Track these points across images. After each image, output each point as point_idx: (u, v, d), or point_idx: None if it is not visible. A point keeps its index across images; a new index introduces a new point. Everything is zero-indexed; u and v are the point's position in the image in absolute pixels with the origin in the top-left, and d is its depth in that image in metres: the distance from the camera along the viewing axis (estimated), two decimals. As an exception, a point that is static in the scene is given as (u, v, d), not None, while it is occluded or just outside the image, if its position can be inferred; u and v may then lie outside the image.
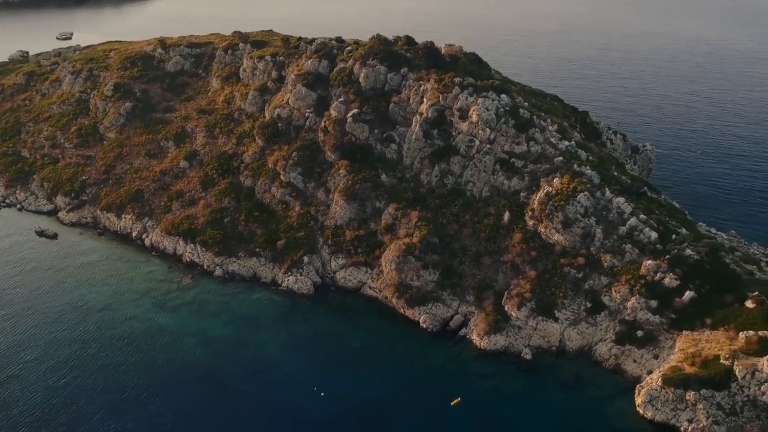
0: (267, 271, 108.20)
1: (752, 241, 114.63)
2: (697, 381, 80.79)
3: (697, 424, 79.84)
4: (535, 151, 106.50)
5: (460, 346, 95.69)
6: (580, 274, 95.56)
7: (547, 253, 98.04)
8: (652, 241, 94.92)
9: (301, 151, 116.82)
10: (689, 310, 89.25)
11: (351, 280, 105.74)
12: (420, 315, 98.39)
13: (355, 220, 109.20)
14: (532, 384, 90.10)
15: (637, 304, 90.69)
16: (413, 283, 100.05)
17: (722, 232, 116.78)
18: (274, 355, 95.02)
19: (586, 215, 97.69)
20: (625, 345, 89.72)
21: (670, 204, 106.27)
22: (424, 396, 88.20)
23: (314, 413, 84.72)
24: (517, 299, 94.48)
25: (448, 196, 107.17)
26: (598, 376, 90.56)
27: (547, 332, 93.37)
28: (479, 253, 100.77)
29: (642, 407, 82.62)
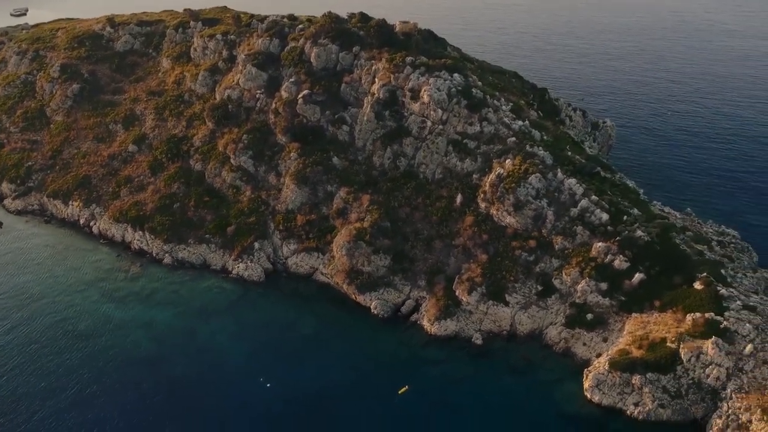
0: (217, 258, 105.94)
1: (707, 219, 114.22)
2: (643, 365, 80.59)
3: (643, 408, 79.80)
4: (488, 132, 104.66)
5: (412, 332, 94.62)
6: (532, 257, 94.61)
7: (498, 236, 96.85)
8: (603, 223, 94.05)
9: (251, 134, 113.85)
10: (638, 293, 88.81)
11: (303, 266, 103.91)
12: (371, 301, 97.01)
13: (306, 204, 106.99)
14: (482, 369, 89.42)
15: (587, 287, 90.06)
16: (364, 268, 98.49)
17: (677, 211, 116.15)
18: (223, 345, 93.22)
19: (537, 197, 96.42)
20: (575, 328, 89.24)
21: (623, 183, 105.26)
22: (372, 384, 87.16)
23: (260, 405, 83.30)
24: (468, 284, 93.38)
25: (401, 178, 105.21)
26: (549, 360, 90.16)
27: (498, 316, 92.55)
28: (431, 236, 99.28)
29: (589, 391, 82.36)
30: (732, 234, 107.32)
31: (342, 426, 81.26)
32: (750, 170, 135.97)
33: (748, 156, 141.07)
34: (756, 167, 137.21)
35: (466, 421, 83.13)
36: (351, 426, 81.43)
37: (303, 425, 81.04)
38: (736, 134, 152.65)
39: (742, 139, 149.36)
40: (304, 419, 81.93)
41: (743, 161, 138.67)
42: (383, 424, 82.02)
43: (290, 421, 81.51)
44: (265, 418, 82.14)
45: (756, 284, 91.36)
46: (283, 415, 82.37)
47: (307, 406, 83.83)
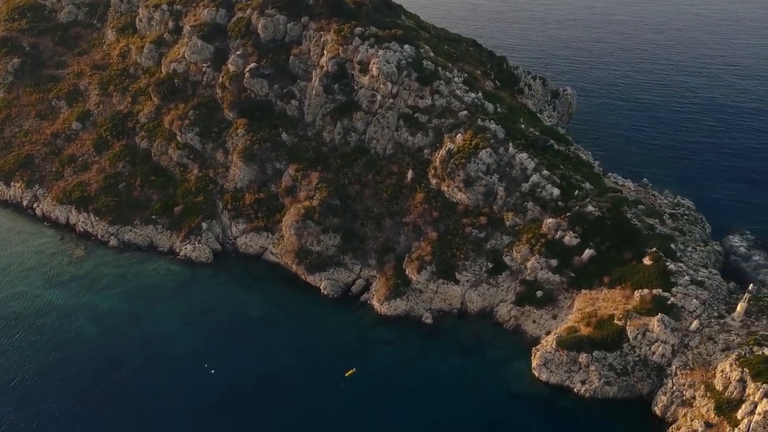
0: (164, 240, 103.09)
1: (664, 189, 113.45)
2: (589, 343, 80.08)
3: (589, 385, 79.53)
4: (440, 105, 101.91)
5: (362, 312, 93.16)
6: (482, 234, 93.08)
7: (449, 212, 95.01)
8: (554, 198, 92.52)
9: (198, 110, 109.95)
10: (588, 269, 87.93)
11: (252, 245, 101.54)
12: (321, 281, 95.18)
13: (255, 182, 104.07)
14: (432, 349, 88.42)
15: (537, 264, 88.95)
16: (313, 248, 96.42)
17: (634, 181, 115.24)
18: (169, 329, 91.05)
19: (488, 173, 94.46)
20: (525, 306, 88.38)
21: (576, 156, 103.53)
22: (321, 367, 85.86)
23: (206, 391, 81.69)
24: (418, 262, 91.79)
25: (351, 154, 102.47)
26: (499, 338, 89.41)
27: (449, 295, 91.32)
28: (381, 214, 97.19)
29: (537, 370, 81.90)
30: (687, 205, 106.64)
31: (288, 410, 79.96)
32: (709, 141, 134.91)
33: (708, 127, 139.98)
34: (716, 138, 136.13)
35: (415, 402, 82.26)
36: (297, 410, 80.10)
37: (248, 411, 79.66)
38: (697, 105, 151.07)
39: (702, 110, 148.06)
40: (250, 404, 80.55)
41: (703, 132, 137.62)
42: (331, 407, 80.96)
43: (236, 407, 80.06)
44: (211, 404, 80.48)
45: (706, 257, 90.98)
46: (229, 401, 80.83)
47: (254, 390, 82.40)
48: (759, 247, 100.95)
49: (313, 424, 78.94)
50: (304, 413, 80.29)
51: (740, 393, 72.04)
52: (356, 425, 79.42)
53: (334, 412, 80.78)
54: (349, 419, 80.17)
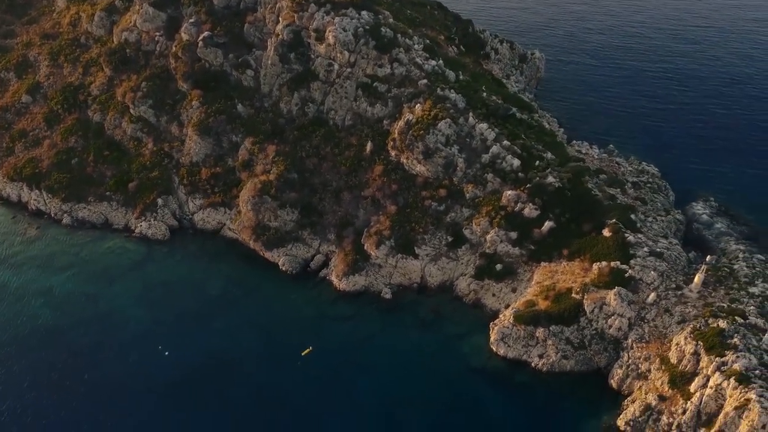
0: (119, 217, 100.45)
1: (630, 155, 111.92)
2: (547, 317, 79.47)
3: (547, 360, 79.25)
4: (400, 74, 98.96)
5: (321, 288, 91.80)
6: (442, 207, 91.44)
7: (408, 185, 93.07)
8: (514, 169, 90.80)
9: (151, 81, 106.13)
10: (548, 241, 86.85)
11: (210, 221, 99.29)
12: (279, 257, 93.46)
13: (211, 156, 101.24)
14: (391, 325, 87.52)
15: (496, 237, 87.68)
16: (271, 223, 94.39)
17: (601, 147, 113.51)
18: (125, 310, 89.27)
19: (447, 144, 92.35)
20: (484, 280, 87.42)
21: (539, 125, 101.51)
22: (278, 345, 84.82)
23: (159, 374, 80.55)
24: (376, 237, 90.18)
25: (309, 126, 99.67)
26: (458, 312, 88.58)
27: (408, 270, 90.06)
28: (340, 188, 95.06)
29: (495, 345, 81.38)
30: (651, 172, 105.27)
31: (244, 391, 79.08)
32: (680, 107, 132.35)
33: (679, 93, 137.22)
34: (686, 105, 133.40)
35: (374, 378, 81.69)
36: (254, 390, 79.27)
37: (203, 392, 78.69)
38: (669, 71, 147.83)
39: (674, 76, 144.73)
40: (206, 385, 79.47)
41: (674, 98, 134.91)
42: (288, 387, 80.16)
43: (191, 388, 79.03)
44: (166, 386, 79.45)
45: (666, 227, 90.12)
46: (185, 382, 79.75)
47: (211, 371, 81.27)
48: (722, 215, 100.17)
49: (270, 404, 78.13)
50: (261, 393, 79.41)
51: (694, 366, 71.94)
52: (315, 403, 78.73)
53: (292, 392, 79.97)
54: (307, 398, 79.46)
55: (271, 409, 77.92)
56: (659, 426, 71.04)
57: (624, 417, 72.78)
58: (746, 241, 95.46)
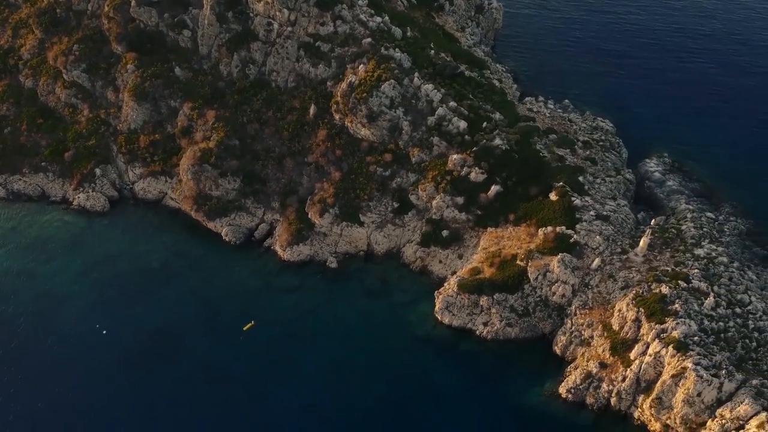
0: (57, 188, 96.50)
1: (586, 110, 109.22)
2: (490, 285, 78.33)
3: (491, 327, 78.51)
4: (343, 32, 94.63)
5: (266, 259, 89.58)
6: (387, 172, 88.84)
7: (353, 150, 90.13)
8: (460, 132, 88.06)
9: (83, 44, 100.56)
10: (494, 206, 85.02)
11: (150, 191, 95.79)
12: (222, 227, 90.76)
13: (149, 123, 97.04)
14: (337, 294, 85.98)
15: (442, 203, 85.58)
16: (213, 193, 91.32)
17: (556, 102, 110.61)
18: (64, 287, 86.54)
19: (392, 107, 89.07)
20: (430, 247, 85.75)
21: (489, 83, 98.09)
22: (222, 319, 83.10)
23: (99, 352, 78.76)
24: (320, 205, 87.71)
25: (251, 89, 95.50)
26: (405, 280, 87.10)
27: (354, 237, 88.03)
28: (283, 154, 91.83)
29: (440, 313, 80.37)
30: (606, 128, 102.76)
31: (185, 367, 77.65)
32: (640, 60, 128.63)
33: (640, 45, 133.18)
34: (646, 57, 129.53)
35: (319, 350, 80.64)
36: (196, 366, 77.87)
37: (144, 369, 77.09)
38: (630, 23, 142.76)
39: (635, 28, 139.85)
40: (147, 362, 77.80)
41: (634, 50, 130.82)
42: (232, 362, 78.89)
43: (131, 366, 77.33)
44: (107, 364, 77.69)
45: (615, 188, 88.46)
46: (125, 360, 78.00)
47: (152, 348, 79.53)
48: (675, 171, 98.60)
49: (214, 379, 76.85)
50: (204, 368, 77.99)
51: (635, 333, 71.62)
52: (259, 377, 77.74)
53: (237, 366, 78.74)
54: (252, 371, 78.36)
55: (215, 385, 76.64)
56: (599, 393, 71.15)
57: (566, 384, 72.68)
58: (698, 199, 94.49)
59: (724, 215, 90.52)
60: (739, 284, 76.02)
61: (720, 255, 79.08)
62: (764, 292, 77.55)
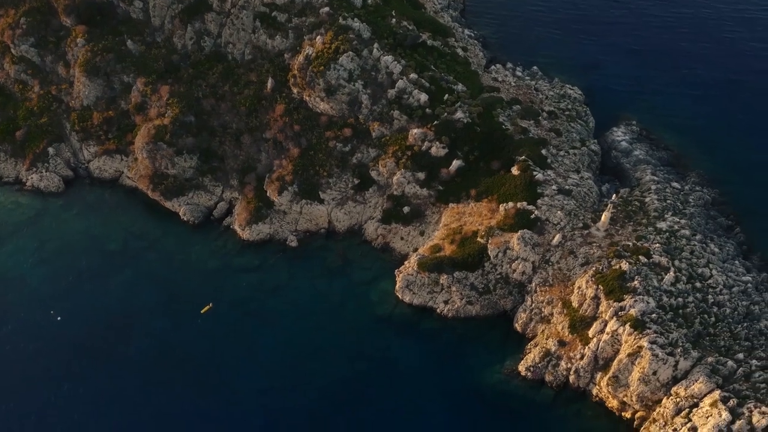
0: (9, 169, 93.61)
1: (555, 76, 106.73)
2: (450, 264, 77.13)
3: (452, 306, 77.66)
4: (300, 1, 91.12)
5: (225, 238, 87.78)
6: (347, 148, 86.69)
7: (312, 125, 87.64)
8: (421, 105, 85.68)
9: (30, 16, 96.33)
10: (456, 181, 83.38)
11: (107, 170, 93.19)
12: (180, 206, 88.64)
13: (102, 99, 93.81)
14: (298, 274, 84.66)
15: (403, 179, 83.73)
16: (169, 171, 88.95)
17: (525, 68, 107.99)
18: (19, 272, 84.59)
19: (351, 80, 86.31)
20: (392, 224, 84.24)
21: (452, 52, 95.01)
22: (181, 301, 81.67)
23: (55, 339, 77.45)
24: (278, 183, 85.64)
25: (206, 62, 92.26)
26: (367, 257, 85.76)
27: (314, 215, 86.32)
28: (240, 130, 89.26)
29: (400, 292, 79.31)
30: (573, 96, 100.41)
31: (143, 351, 76.58)
32: (610, 23, 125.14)
33: (610, 7, 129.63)
34: (617, 19, 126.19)
35: (280, 330, 79.60)
36: (154, 350, 76.83)
37: (102, 354, 75.97)
38: None
39: None
40: (106, 347, 76.70)
41: (605, 13, 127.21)
42: (192, 343, 77.88)
43: (89, 351, 76.21)
44: (62, 350, 76.52)
45: (579, 161, 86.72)
46: (82, 346, 76.87)
47: (109, 332, 78.29)
48: (642, 140, 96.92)
49: (172, 362, 75.89)
50: (162, 352, 77.01)
51: (594, 310, 71.02)
52: (219, 359, 76.88)
53: (196, 348, 77.70)
54: (211, 354, 77.42)
55: (173, 368, 75.80)
56: (558, 371, 70.86)
57: (525, 363, 72.30)
58: (665, 168, 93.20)
59: (690, 185, 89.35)
60: (700, 257, 75.36)
61: (683, 228, 78.18)
62: (726, 264, 77.13)
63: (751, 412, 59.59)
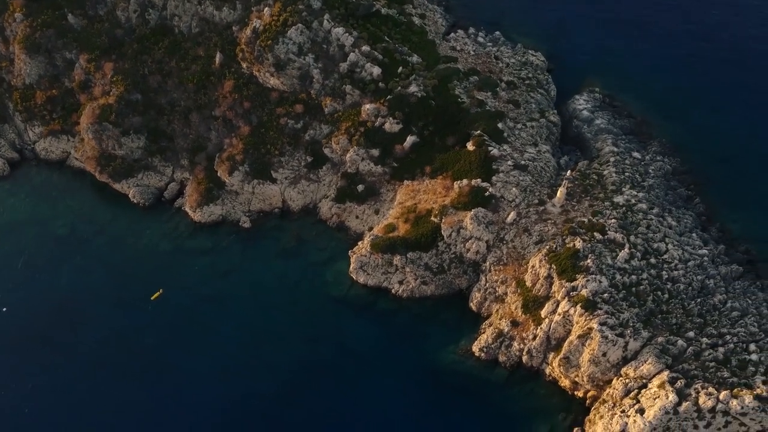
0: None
1: (518, 42, 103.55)
2: (404, 244, 75.65)
3: (406, 286, 76.56)
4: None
5: (177, 220, 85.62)
6: (299, 125, 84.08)
7: (262, 102, 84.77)
8: (375, 79, 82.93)
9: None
10: (411, 158, 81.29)
11: (53, 151, 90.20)
12: (129, 188, 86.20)
13: (45, 77, 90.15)
14: (252, 255, 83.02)
15: (356, 156, 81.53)
16: (116, 152, 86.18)
17: (487, 34, 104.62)
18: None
19: (301, 54, 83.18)
20: (346, 203, 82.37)
21: (408, 21, 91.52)
22: (131, 286, 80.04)
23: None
24: (229, 163, 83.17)
25: (151, 36, 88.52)
26: (323, 237, 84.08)
27: (267, 195, 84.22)
28: (188, 108, 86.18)
29: (354, 273, 78.00)
30: (536, 63, 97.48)
31: (92, 340, 75.28)
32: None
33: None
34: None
35: (234, 314, 78.38)
36: (105, 338, 75.55)
37: (48, 345, 74.66)
38: None
39: None
40: (53, 337, 75.35)
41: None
42: (144, 329, 76.59)
43: (36, 342, 74.78)
44: (8, 342, 75.07)
45: (536, 133, 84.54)
46: (27, 337, 75.35)
47: (58, 321, 76.76)
48: (605, 107, 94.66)
49: (123, 350, 74.76)
50: (113, 340, 75.74)
51: (547, 290, 70.15)
52: (172, 345, 75.82)
53: (148, 335, 76.42)
54: (164, 340, 76.26)
55: (127, 356, 74.68)
56: (511, 351, 70.34)
57: (478, 344, 71.67)
58: (626, 137, 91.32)
59: (651, 154, 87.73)
60: (656, 232, 74.29)
61: (640, 201, 76.91)
62: (683, 237, 76.15)
63: (698, 393, 59.49)
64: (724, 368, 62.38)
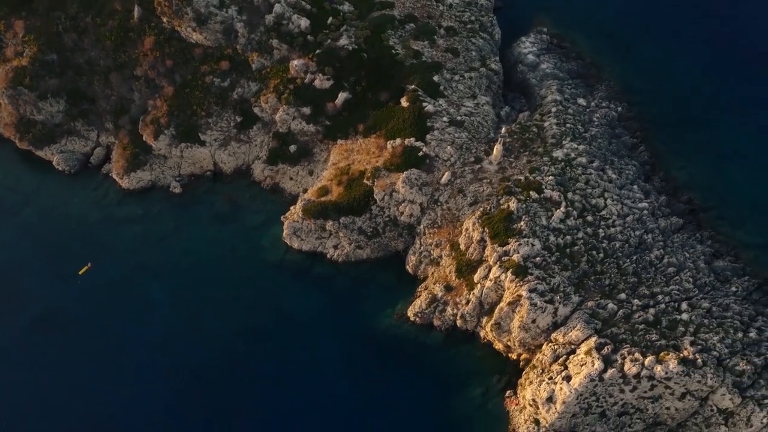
0: None
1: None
2: (336, 209, 73.23)
3: (341, 250, 74.83)
4: None
5: (105, 187, 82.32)
6: (226, 83, 79.68)
7: (186, 59, 79.93)
8: (303, 31, 78.20)
9: None
10: (343, 116, 77.76)
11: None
12: (53, 155, 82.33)
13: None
14: (185, 221, 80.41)
15: (286, 115, 77.82)
16: (35, 117, 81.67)
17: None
18: None
19: (222, 6, 77.85)
20: (278, 164, 79.30)
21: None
22: (60, 258, 77.61)
23: None
24: (153, 126, 79.14)
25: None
26: (257, 200, 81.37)
27: (197, 158, 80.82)
28: (108, 67, 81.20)
29: (288, 239, 75.97)
30: (481, 2, 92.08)
31: (21, 316, 73.35)
32: None
33: None
34: None
35: (169, 283, 76.52)
36: (34, 314, 73.63)
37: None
38: None
39: None
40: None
41: None
42: (74, 303, 74.73)
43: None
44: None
45: (475, 85, 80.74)
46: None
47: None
48: (551, 51, 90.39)
49: (52, 326, 73.16)
50: (44, 316, 73.91)
51: (480, 254, 68.63)
52: (106, 318, 74.11)
53: (81, 309, 74.69)
54: (97, 313, 74.55)
55: (58, 331, 73.13)
56: (445, 316, 69.53)
57: (413, 309, 70.70)
58: (573, 81, 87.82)
59: (597, 100, 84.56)
60: (595, 187, 72.30)
61: (580, 155, 74.45)
62: (623, 191, 74.19)
63: (624, 359, 59.19)
64: (654, 330, 61.96)
